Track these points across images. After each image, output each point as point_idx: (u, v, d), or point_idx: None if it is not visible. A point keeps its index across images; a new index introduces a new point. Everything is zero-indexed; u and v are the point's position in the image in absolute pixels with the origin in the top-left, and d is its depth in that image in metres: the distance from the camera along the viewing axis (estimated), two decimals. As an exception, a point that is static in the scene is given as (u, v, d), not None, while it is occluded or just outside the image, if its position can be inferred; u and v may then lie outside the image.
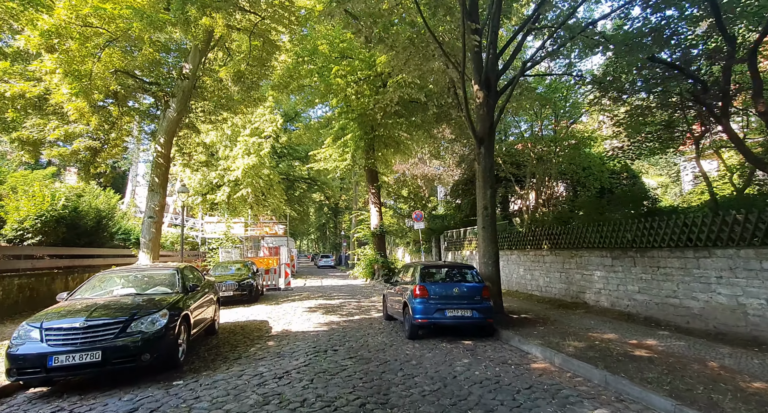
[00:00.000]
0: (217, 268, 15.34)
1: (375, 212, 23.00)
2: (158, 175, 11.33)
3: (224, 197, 22.39)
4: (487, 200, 9.48)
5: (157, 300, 5.97)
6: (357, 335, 8.16)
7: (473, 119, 9.61)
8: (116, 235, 17.70)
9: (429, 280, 7.96)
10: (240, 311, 11.97)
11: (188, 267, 7.91)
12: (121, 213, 21.55)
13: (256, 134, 23.51)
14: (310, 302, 13.57)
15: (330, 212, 57.23)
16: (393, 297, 9.32)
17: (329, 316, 10.57)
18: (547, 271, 11.82)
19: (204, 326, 7.46)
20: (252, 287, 13.72)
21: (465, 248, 18.20)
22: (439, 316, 7.42)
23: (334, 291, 17.45)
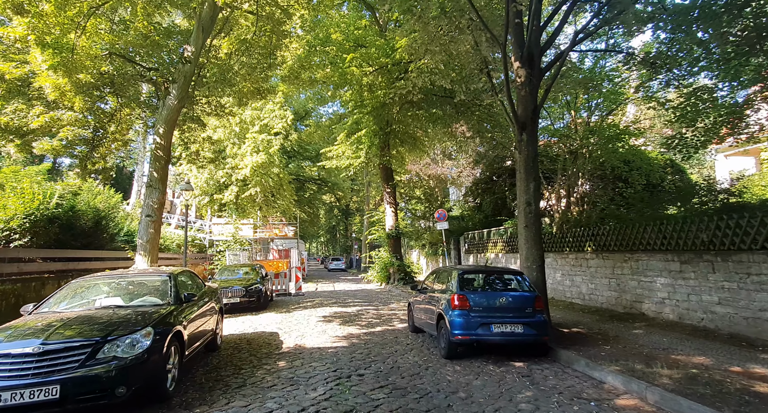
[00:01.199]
0: (223, 272, 14.22)
1: (390, 212, 21.77)
2: (157, 169, 10.23)
3: (232, 196, 21.33)
4: (530, 195, 8.18)
5: (142, 315, 4.78)
6: (383, 352, 6.90)
7: (513, 101, 8.33)
8: (118, 237, 16.68)
9: (469, 288, 6.69)
10: (247, 320, 10.79)
11: (185, 272, 6.74)
12: (125, 214, 20.61)
13: (265, 131, 22.45)
14: (324, 309, 12.35)
15: (340, 213, 56.16)
16: (421, 306, 8.07)
17: (347, 327, 9.32)
18: (592, 277, 10.45)
19: (203, 342, 6.27)
20: (261, 293, 12.55)
21: (489, 250, 16.87)
22: (484, 332, 6.14)
23: (349, 297, 16.22)
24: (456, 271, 7.01)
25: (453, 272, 7.12)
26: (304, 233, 54.02)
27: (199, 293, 6.55)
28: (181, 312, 5.35)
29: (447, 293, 6.88)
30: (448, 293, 6.80)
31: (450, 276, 7.16)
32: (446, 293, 6.89)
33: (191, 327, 5.56)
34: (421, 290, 8.46)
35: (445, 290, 7.15)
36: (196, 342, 5.80)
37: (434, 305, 7.22)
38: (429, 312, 7.49)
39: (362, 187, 47.79)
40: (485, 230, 18.02)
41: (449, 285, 7.00)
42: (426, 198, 28.69)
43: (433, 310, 7.24)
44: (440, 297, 7.02)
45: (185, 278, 6.65)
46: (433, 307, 7.23)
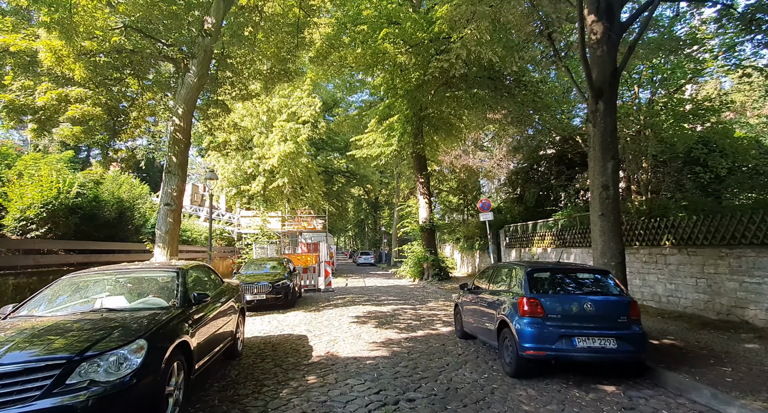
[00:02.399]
0: (249, 266, 13.37)
1: (424, 203, 20.47)
2: (176, 153, 9.36)
3: (259, 187, 20.59)
4: (607, 177, 6.74)
5: (137, 321, 3.76)
6: (432, 366, 5.70)
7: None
8: (144, 229, 16.18)
9: (542, 290, 5.37)
10: (274, 319, 9.84)
11: (199, 267, 5.73)
12: (152, 205, 20.24)
13: (292, 120, 21.56)
14: (357, 308, 11.27)
15: (369, 207, 55.19)
16: (473, 309, 6.81)
17: (385, 331, 8.18)
18: (671, 275, 8.86)
19: (219, 350, 5.26)
20: (288, 289, 11.60)
21: (535, 244, 15.34)
22: (564, 347, 4.82)
23: (381, 294, 15.11)
24: (522, 268, 5.69)
25: (517, 269, 5.81)
26: (332, 227, 53.33)
27: (214, 292, 5.54)
28: (189, 317, 4.33)
29: (510, 295, 5.59)
30: (512, 296, 5.51)
31: (514, 274, 5.86)
32: (509, 295, 5.61)
33: (202, 335, 4.53)
34: (471, 290, 7.20)
35: (506, 291, 5.86)
36: (209, 352, 4.78)
37: (493, 309, 5.95)
38: (485, 317, 6.23)
39: (392, 179, 46.59)
40: (530, 223, 16.47)
41: (514, 286, 5.70)
42: (460, 190, 27.17)
43: (491, 315, 5.98)
44: (501, 300, 5.74)
45: (200, 274, 5.65)
46: (492, 312, 5.96)
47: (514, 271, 5.93)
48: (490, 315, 6.02)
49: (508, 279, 6.03)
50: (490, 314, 6.05)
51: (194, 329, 4.32)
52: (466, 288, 7.43)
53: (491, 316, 5.97)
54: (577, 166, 16.63)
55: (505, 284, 6.13)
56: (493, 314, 5.92)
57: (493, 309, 5.95)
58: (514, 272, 5.88)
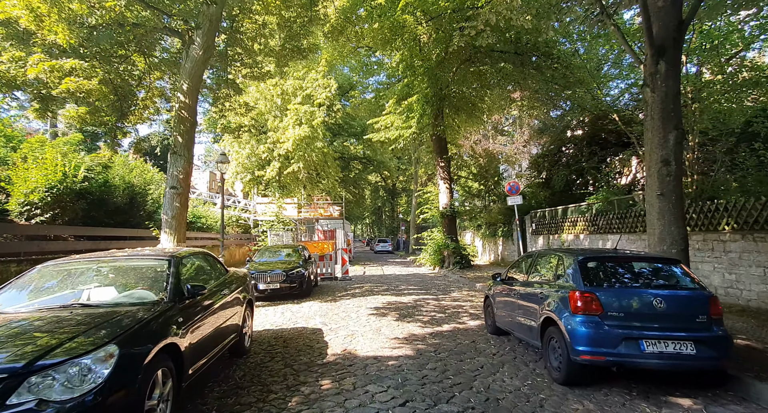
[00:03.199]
0: (263, 253, 12.80)
1: (444, 188, 19.56)
2: (182, 133, 8.71)
3: (274, 173, 20.00)
4: (668, 150, 5.76)
5: (110, 321, 3.09)
6: (464, 368, 4.95)
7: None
8: (156, 215, 15.79)
9: (599, 283, 4.50)
10: (287, 310, 9.23)
11: (197, 255, 5.06)
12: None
13: (307, 102, 20.79)
14: (375, 298, 10.59)
15: (386, 194, 54.43)
16: (508, 302, 6.01)
17: (407, 324, 7.45)
18: (732, 264, 7.84)
19: (221, 350, 4.61)
20: (303, 277, 10.98)
21: (565, 231, 14.33)
22: (629, 351, 3.98)
23: (401, 283, 14.41)
24: (571, 256, 4.84)
25: (565, 257, 4.95)
26: (349, 214, 52.82)
27: (216, 283, 4.87)
28: (180, 313, 3.65)
29: (557, 288, 4.76)
30: (559, 289, 4.68)
31: (560, 264, 5.01)
32: (555, 289, 4.78)
33: (198, 333, 3.86)
34: (505, 281, 6.38)
35: (551, 283, 5.03)
36: (208, 353, 4.12)
37: (534, 303, 5.13)
38: (523, 312, 5.42)
39: (409, 165, 45.59)
40: (559, 208, 15.43)
41: (561, 277, 4.86)
42: (482, 175, 26.07)
43: (531, 310, 5.16)
44: (545, 294, 4.91)
45: (199, 262, 4.99)
46: (532, 306, 5.14)
47: (560, 260, 5.08)
48: (531, 310, 5.20)
49: (553, 269, 5.19)
50: (530, 309, 5.24)
51: (187, 327, 3.65)
52: (498, 279, 6.61)
53: (532, 312, 5.16)
54: (612, 146, 15.41)
55: (548, 274, 5.29)
56: (533, 309, 5.11)
57: (534, 304, 5.13)
58: (561, 261, 5.02)
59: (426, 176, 45.07)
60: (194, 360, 3.78)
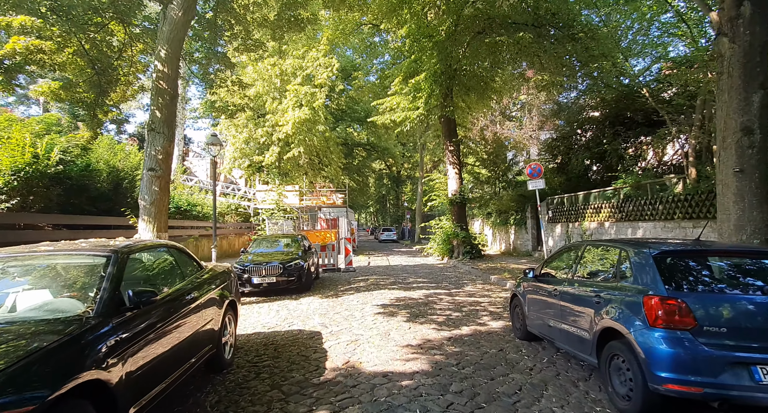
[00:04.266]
0: (260, 243, 11.77)
1: (453, 174, 18.40)
2: (160, 107, 7.60)
3: (273, 158, 18.90)
4: (750, 116, 4.61)
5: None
6: (498, 392, 3.89)
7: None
8: (147, 202, 14.77)
9: (686, 285, 3.39)
10: (284, 307, 8.22)
11: (157, 248, 3.98)
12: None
13: (308, 83, 19.56)
14: (382, 294, 9.56)
15: (391, 182, 53.30)
16: (544, 302, 4.95)
17: (419, 326, 6.41)
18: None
19: (188, 369, 3.56)
20: (302, 270, 9.95)
21: (587, 218, 13.18)
22: (739, 381, 2.90)
23: (409, 274, 13.38)
24: (639, 249, 3.73)
25: (631, 250, 3.83)
26: (353, 202, 51.76)
27: (180, 285, 3.81)
28: (113, 332, 2.60)
29: (622, 290, 3.66)
30: (625, 292, 3.58)
31: (624, 258, 3.90)
32: (618, 291, 3.69)
33: (145, 356, 2.81)
34: (540, 278, 5.29)
35: (612, 282, 3.94)
36: (164, 379, 3.07)
37: (584, 307, 4.05)
38: (570, 318, 4.34)
39: (414, 152, 44.32)
40: (580, 194, 14.26)
41: (626, 275, 3.76)
42: (491, 160, 24.84)
43: (582, 316, 4.08)
44: (604, 296, 3.81)
45: (160, 258, 3.93)
46: (584, 311, 4.06)
47: (622, 253, 3.97)
48: (580, 316, 4.12)
49: (613, 265, 4.09)
50: (579, 315, 4.15)
51: (124, 351, 2.60)
52: (530, 275, 5.51)
53: (582, 318, 4.07)
54: (639, 126, 14.13)
55: (605, 272, 4.20)
56: (585, 315, 4.02)
57: (585, 308, 4.04)
58: (624, 255, 3.91)
59: (431, 163, 43.86)
60: (140, 393, 2.74)
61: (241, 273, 9.54)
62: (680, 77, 11.00)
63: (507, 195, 21.56)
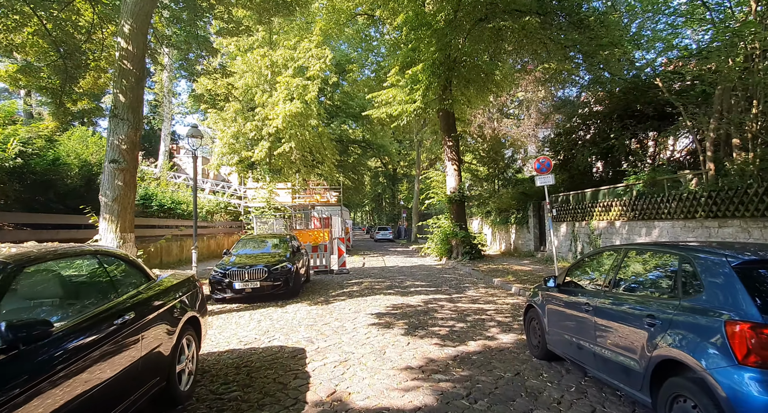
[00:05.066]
0: (246, 244, 10.85)
1: (452, 170, 17.56)
2: (124, 90, 6.68)
3: (263, 154, 17.96)
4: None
5: None
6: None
7: None
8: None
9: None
10: (266, 316, 7.34)
11: (75, 257, 3.04)
12: (141, 174, 17.91)
13: (299, 75, 18.64)
14: (377, 300, 8.69)
15: (386, 180, 52.38)
16: (572, 317, 4.10)
17: (419, 341, 5.55)
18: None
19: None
20: (290, 274, 9.07)
21: (596, 217, 12.38)
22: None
23: (406, 277, 12.53)
24: (712, 257, 2.88)
25: (701, 258, 2.97)
26: (348, 201, 50.81)
27: (106, 306, 2.89)
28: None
29: (685, 309, 2.81)
30: (693, 313, 2.74)
31: (690, 267, 3.03)
32: (679, 310, 2.84)
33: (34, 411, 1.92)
34: (564, 288, 4.44)
35: (671, 299, 3.09)
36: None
37: (634, 326, 3.20)
38: (608, 339, 3.49)
39: (410, 150, 43.46)
40: (588, 191, 13.46)
41: (695, 290, 2.91)
42: (491, 157, 24.04)
43: (629, 340, 3.23)
44: (662, 317, 2.95)
45: (88, 270, 3.03)
46: (633, 333, 3.20)
47: (681, 261, 3.12)
48: (625, 339, 3.27)
49: (668, 276, 3.24)
50: (622, 337, 3.31)
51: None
52: (551, 284, 4.65)
53: (627, 342, 3.23)
54: (649, 120, 13.34)
55: (658, 284, 3.35)
56: (632, 339, 3.18)
57: (632, 330, 3.20)
58: (685, 264, 3.06)
59: (428, 162, 43.04)
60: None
61: (221, 278, 8.65)
62: (708, 61, 10.13)
63: (507, 193, 20.75)
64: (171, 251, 15.24)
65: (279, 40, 18.93)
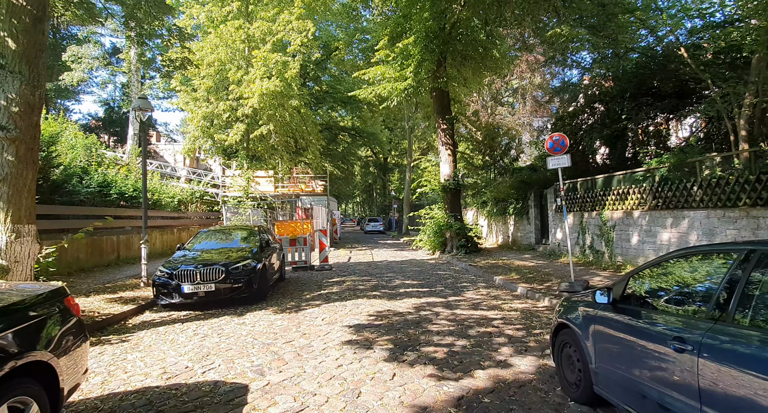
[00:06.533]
0: (206, 237, 9.21)
1: (447, 156, 16.02)
2: (14, 33, 5.00)
3: (238, 137, 16.23)
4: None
5: None
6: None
7: None
8: (82, 189, 12.08)
9: None
10: (214, 331, 5.77)
11: None
12: (108, 162, 16.12)
13: (279, 49, 16.86)
14: (358, 305, 7.18)
15: (377, 170, 50.70)
16: (658, 356, 2.59)
17: (408, 372, 4.04)
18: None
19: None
20: (253, 273, 7.49)
21: (608, 206, 10.96)
22: None
23: (395, 274, 11.04)
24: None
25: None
26: (338, 192, 49.17)
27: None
28: None
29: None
30: None
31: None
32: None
33: None
34: (622, 305, 2.96)
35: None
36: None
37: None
38: (731, 398, 2.00)
39: (402, 138, 41.78)
40: (599, 177, 12.02)
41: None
42: (487, 144, 22.54)
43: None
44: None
45: None
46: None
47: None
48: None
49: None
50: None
51: None
52: (602, 299, 3.14)
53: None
54: (667, 98, 11.88)
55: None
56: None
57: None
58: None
59: (420, 151, 41.44)
60: None
61: (167, 280, 7.06)
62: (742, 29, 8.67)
63: (505, 182, 19.31)
64: (132, 245, 13.57)
65: (256, 12, 17.09)
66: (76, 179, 12.24)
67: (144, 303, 7.33)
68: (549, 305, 7.02)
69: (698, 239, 8.13)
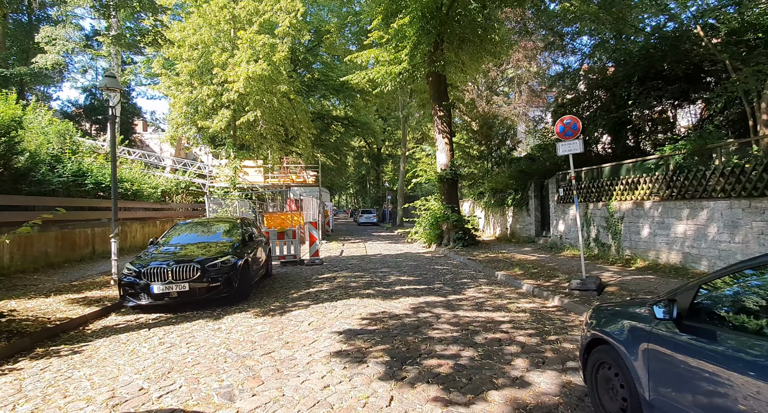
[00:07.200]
0: (183, 230, 8.39)
1: (443, 145, 15.27)
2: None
3: (223, 123, 15.31)
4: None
5: None
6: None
7: None
8: (53, 178, 11.18)
9: None
10: (185, 338, 5.03)
11: None
12: (85, 150, 15.15)
13: (266, 31, 15.90)
14: (349, 306, 6.46)
15: (370, 160, 49.84)
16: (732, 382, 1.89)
17: (409, 394, 3.33)
18: None
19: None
20: (233, 271, 6.72)
21: (616, 197, 10.31)
22: None
23: (390, 269, 10.34)
24: None
25: None
26: (331, 183, 48.23)
27: None
28: None
29: None
30: None
31: None
32: None
33: None
34: (689, 323, 2.25)
35: None
36: None
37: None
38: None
39: (396, 129, 40.91)
40: (606, 166, 11.36)
41: None
42: (484, 133, 21.81)
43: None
44: None
45: None
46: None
47: None
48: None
49: None
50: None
51: None
52: (661, 312, 2.44)
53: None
54: (678, 82, 11.18)
55: None
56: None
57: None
58: None
59: (414, 141, 40.60)
60: None
61: (135, 279, 6.29)
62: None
63: (504, 171, 18.63)
64: (108, 238, 12.68)
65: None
66: (46, 167, 11.33)
67: (110, 304, 6.55)
68: (560, 304, 6.37)
69: (719, 231, 7.50)
